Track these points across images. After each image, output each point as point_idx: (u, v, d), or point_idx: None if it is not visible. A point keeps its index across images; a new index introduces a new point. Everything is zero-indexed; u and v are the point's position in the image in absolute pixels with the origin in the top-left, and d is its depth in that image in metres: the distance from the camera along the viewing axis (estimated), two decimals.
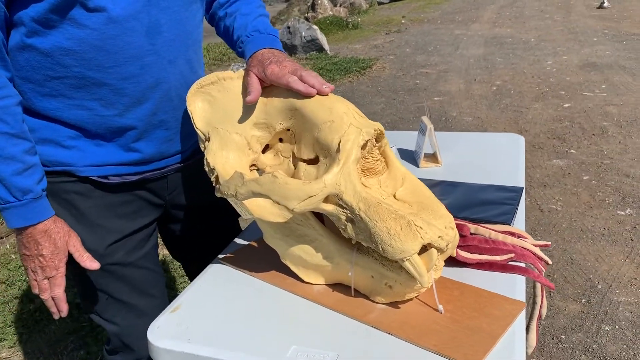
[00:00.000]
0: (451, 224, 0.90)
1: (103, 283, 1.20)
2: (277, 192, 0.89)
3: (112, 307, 1.23)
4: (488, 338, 0.84)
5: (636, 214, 2.95)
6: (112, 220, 1.17)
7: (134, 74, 1.05)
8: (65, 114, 1.06)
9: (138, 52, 1.04)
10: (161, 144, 1.16)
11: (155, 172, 1.18)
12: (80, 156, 1.10)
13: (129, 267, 1.22)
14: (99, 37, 0.99)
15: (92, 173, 1.12)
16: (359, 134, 0.90)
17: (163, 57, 1.08)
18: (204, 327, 0.93)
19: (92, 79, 1.03)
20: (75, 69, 1.02)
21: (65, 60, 1.01)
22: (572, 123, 4.30)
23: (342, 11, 10.70)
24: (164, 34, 1.06)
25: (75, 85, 1.04)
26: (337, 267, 0.96)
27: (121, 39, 1.01)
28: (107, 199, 1.16)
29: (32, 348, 2.25)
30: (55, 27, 0.97)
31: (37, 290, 1.09)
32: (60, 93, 1.04)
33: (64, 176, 1.11)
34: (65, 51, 1.00)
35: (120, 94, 1.06)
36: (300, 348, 0.86)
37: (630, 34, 7.15)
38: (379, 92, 5.57)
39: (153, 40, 1.05)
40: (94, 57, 1.01)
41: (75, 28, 0.98)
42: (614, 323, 2.17)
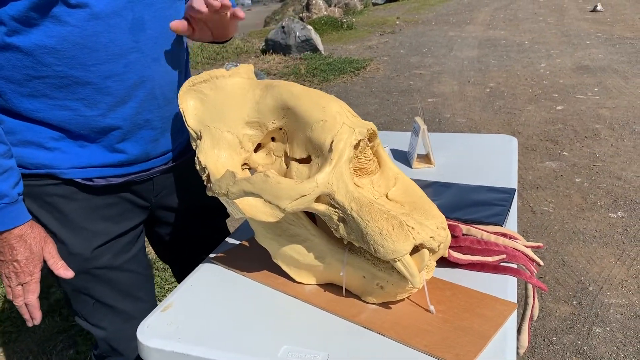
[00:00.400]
0: (443, 224, 0.90)
1: (89, 287, 1.18)
2: (268, 191, 0.89)
3: (99, 312, 1.21)
4: (479, 338, 0.84)
5: (627, 216, 2.97)
6: (98, 223, 1.14)
7: (118, 72, 1.03)
8: (47, 114, 1.03)
9: (121, 49, 1.01)
10: (146, 145, 1.13)
11: (140, 174, 1.16)
12: (63, 158, 1.07)
13: (116, 270, 1.19)
14: (81, 34, 0.97)
15: (76, 175, 1.09)
16: (351, 134, 0.90)
17: (147, 54, 1.05)
18: (195, 326, 0.92)
19: (75, 78, 1.00)
20: (57, 67, 0.99)
21: (47, 58, 0.98)
22: (565, 125, 4.32)
23: (337, 11, 10.71)
24: (148, 31, 1.04)
25: (57, 84, 1.01)
26: (329, 267, 0.96)
27: (104, 36, 0.99)
28: (92, 201, 1.13)
29: (21, 347, 2.23)
30: (36, 25, 0.95)
31: (11, 296, 1.07)
32: (42, 93, 1.02)
33: (46, 179, 1.08)
34: (46, 49, 0.97)
35: (104, 93, 1.03)
36: (291, 348, 0.85)
37: (622, 38, 7.20)
38: (372, 92, 5.58)
39: (137, 37, 1.03)
40: (76, 55, 0.98)
41: (56, 25, 0.95)
42: (605, 325, 2.17)
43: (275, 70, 6.51)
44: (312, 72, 6.26)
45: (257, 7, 19.59)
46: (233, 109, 1.04)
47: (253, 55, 7.48)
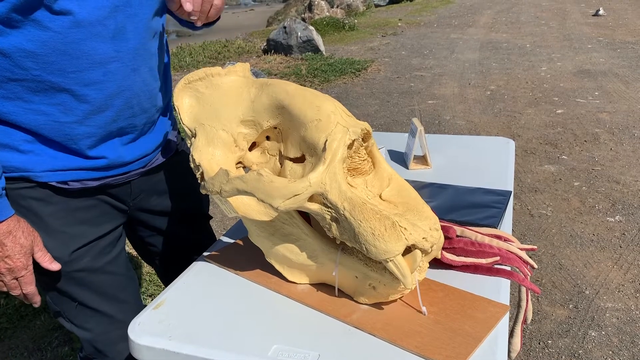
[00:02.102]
0: (436, 225, 0.90)
1: (71, 290, 1.16)
2: (262, 190, 0.89)
3: (82, 314, 1.19)
4: (471, 340, 0.84)
5: (625, 220, 2.97)
6: (75, 226, 1.13)
7: (97, 80, 1.02)
8: (20, 118, 1.02)
9: (102, 58, 1.01)
10: (120, 150, 1.12)
11: (117, 177, 1.15)
12: (37, 161, 1.06)
13: (96, 273, 1.17)
14: (62, 41, 0.96)
15: (51, 178, 1.07)
16: (345, 134, 0.89)
17: (127, 64, 1.05)
18: (186, 324, 0.92)
19: (52, 83, 0.99)
20: (34, 71, 0.97)
21: (25, 62, 0.96)
22: (565, 129, 4.32)
23: (339, 12, 10.71)
24: (129, 41, 1.04)
25: (33, 88, 0.99)
26: (322, 267, 0.96)
27: (85, 44, 0.98)
28: (68, 204, 1.11)
29: (16, 343, 2.23)
30: (17, 28, 0.93)
31: (6, 289, 1.06)
32: (17, 96, 1.00)
33: (21, 182, 1.07)
34: (26, 53, 0.95)
35: (81, 101, 1.03)
36: (282, 347, 0.85)
37: (624, 42, 7.20)
38: (373, 94, 5.58)
39: (118, 47, 1.02)
40: (55, 60, 0.97)
41: (38, 30, 0.94)
42: (601, 329, 2.17)
43: (276, 70, 6.51)
44: (313, 72, 6.26)
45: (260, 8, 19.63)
46: (228, 107, 1.04)
47: (255, 55, 7.48)
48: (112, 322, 1.21)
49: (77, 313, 1.19)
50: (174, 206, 1.30)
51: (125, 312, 1.19)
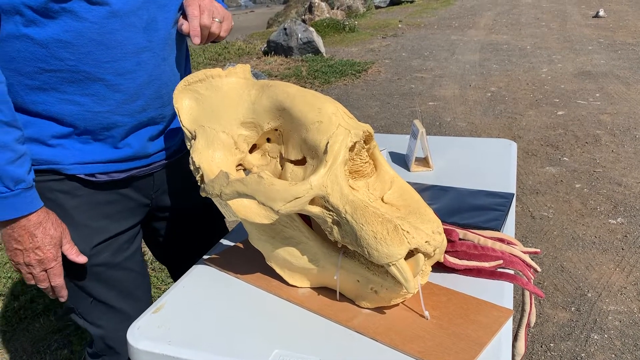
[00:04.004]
0: (439, 228, 0.89)
1: (87, 285, 1.17)
2: (262, 192, 0.87)
3: (96, 310, 1.20)
4: (474, 345, 0.83)
5: (627, 222, 2.95)
6: (98, 220, 1.15)
7: (130, 69, 1.04)
8: (54, 108, 1.03)
9: (135, 47, 1.03)
10: (148, 141, 1.15)
11: (141, 169, 1.17)
12: (66, 154, 1.08)
13: (114, 268, 1.19)
14: (98, 31, 0.98)
15: (79, 171, 1.09)
16: (347, 136, 0.88)
17: (157, 54, 1.08)
18: (186, 329, 0.91)
19: (87, 74, 1.01)
20: (70, 62, 0.99)
21: (61, 53, 0.98)
22: (566, 131, 4.31)
23: (339, 14, 10.71)
24: (160, 32, 1.07)
25: (68, 79, 1.01)
26: (323, 271, 0.95)
27: (120, 34, 1.01)
28: (93, 198, 1.13)
29: (16, 346, 2.22)
30: (54, 18, 0.95)
31: (34, 281, 1.06)
32: (52, 87, 1.02)
33: (49, 174, 1.09)
34: (62, 43, 0.97)
35: (114, 90, 1.05)
36: (283, 352, 0.84)
37: (625, 44, 7.19)
38: (373, 95, 5.57)
39: (150, 37, 1.05)
40: (91, 50, 0.99)
41: (74, 20, 0.96)
42: (603, 332, 2.16)
43: (276, 71, 6.50)
44: (314, 74, 6.25)
45: (260, 9, 19.64)
46: (228, 109, 1.03)
47: (255, 56, 7.47)
48: (125, 320, 1.22)
49: (92, 309, 1.20)
50: (191, 202, 1.30)
51: (138, 310, 1.20)
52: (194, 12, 1.08)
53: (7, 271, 2.66)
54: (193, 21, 1.08)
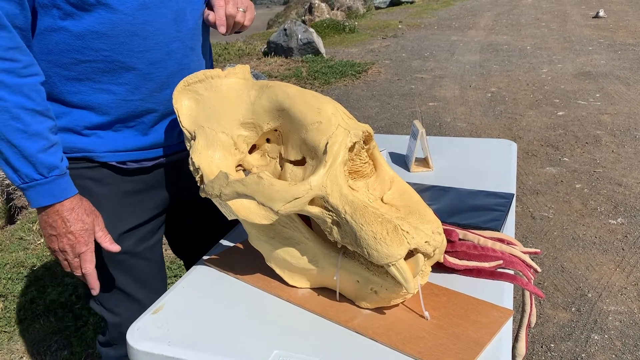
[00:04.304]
0: (439, 229, 0.89)
1: (110, 273, 1.21)
2: (262, 193, 0.87)
3: (115, 297, 1.24)
4: (474, 345, 0.83)
5: (628, 223, 2.95)
6: (125, 208, 1.18)
7: (161, 59, 1.09)
8: (89, 97, 1.08)
9: (165, 38, 1.08)
10: (175, 128, 1.19)
11: (169, 156, 1.20)
12: (99, 142, 1.12)
13: (136, 257, 1.22)
14: (131, 22, 1.03)
15: (111, 159, 1.13)
16: (346, 136, 0.88)
17: (186, 44, 1.12)
18: (185, 329, 0.91)
19: (120, 63, 1.06)
20: (104, 52, 1.04)
21: (96, 43, 1.03)
22: (566, 131, 4.31)
23: (339, 15, 10.71)
24: (188, 22, 1.11)
25: (102, 69, 1.06)
26: (323, 271, 0.95)
27: (151, 25, 1.05)
28: (122, 186, 1.17)
29: (16, 347, 2.21)
30: (89, 11, 0.99)
31: (69, 269, 1.08)
32: (87, 77, 1.06)
33: (82, 162, 1.13)
34: (97, 35, 1.02)
35: (146, 79, 1.09)
36: (283, 353, 0.84)
37: (625, 44, 7.19)
38: (373, 96, 5.57)
39: (179, 27, 1.10)
40: (124, 41, 1.04)
41: (109, 12, 1.00)
42: (604, 332, 2.16)
43: (276, 72, 6.50)
44: (314, 74, 6.25)
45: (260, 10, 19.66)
46: (228, 109, 1.03)
47: (255, 57, 7.47)
48: (141, 309, 1.23)
49: (110, 296, 1.23)
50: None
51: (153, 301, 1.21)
52: (220, 2, 1.11)
53: (7, 272, 2.66)
54: (219, 11, 1.11)
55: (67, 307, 2.41)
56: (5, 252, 2.87)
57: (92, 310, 2.36)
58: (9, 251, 2.87)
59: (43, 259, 2.78)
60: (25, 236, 3.02)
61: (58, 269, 2.69)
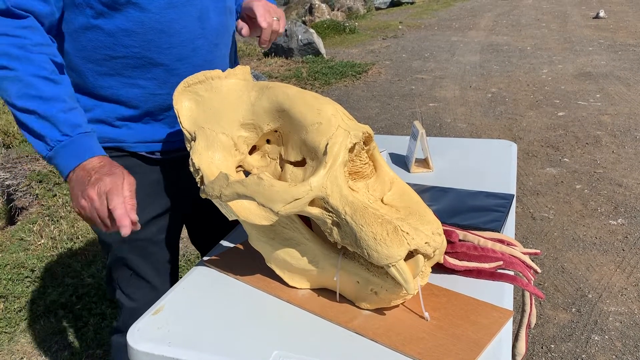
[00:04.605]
0: (439, 229, 0.89)
1: (130, 258, 1.25)
2: (262, 194, 0.87)
3: (134, 283, 1.28)
4: (474, 346, 0.83)
5: (628, 223, 2.95)
6: (150, 197, 1.22)
7: (187, 55, 1.14)
8: (120, 91, 1.13)
9: (191, 35, 1.13)
10: None
11: None
12: (129, 134, 1.17)
13: (157, 246, 1.26)
14: (159, 20, 1.08)
15: (141, 149, 1.18)
16: (346, 137, 0.88)
17: (210, 41, 1.18)
18: (185, 330, 0.91)
19: (149, 59, 1.11)
20: (134, 49, 1.09)
21: (127, 41, 1.08)
22: (566, 132, 4.31)
23: (340, 15, 10.71)
24: (211, 20, 1.17)
25: (132, 64, 1.11)
26: (323, 272, 0.95)
27: (178, 23, 1.10)
28: (149, 176, 1.22)
29: (16, 348, 2.22)
30: (119, 10, 1.05)
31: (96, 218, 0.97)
32: (118, 72, 1.11)
33: (113, 151, 1.17)
34: (127, 32, 1.07)
35: (173, 74, 1.14)
36: (283, 353, 0.84)
37: (625, 44, 7.19)
38: (374, 96, 5.57)
39: (203, 25, 1.15)
40: (152, 38, 1.09)
41: (138, 11, 1.06)
42: (604, 333, 2.16)
43: (277, 73, 6.50)
44: (314, 75, 6.25)
45: None
46: (228, 110, 1.03)
47: (255, 58, 7.47)
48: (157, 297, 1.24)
49: (130, 282, 1.28)
50: None
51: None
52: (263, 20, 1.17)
53: (8, 273, 2.66)
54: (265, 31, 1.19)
55: (68, 307, 2.41)
56: (5, 253, 2.87)
57: (93, 311, 2.36)
58: (10, 252, 2.87)
59: (43, 259, 2.78)
60: (25, 237, 3.02)
61: (58, 269, 2.69)
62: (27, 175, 3.69)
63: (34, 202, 3.45)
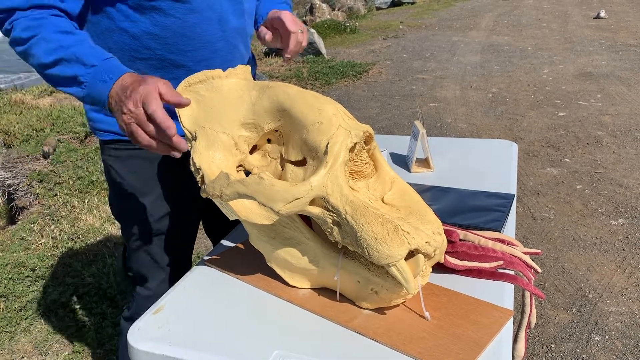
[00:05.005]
0: (439, 229, 0.89)
1: (150, 247, 1.30)
2: (262, 193, 0.87)
3: (152, 272, 1.33)
4: (474, 346, 0.83)
5: (629, 223, 2.95)
6: (170, 189, 1.27)
7: (207, 57, 1.20)
8: None
9: (211, 38, 1.19)
10: None
11: None
12: None
13: (175, 237, 1.32)
14: (181, 25, 1.14)
15: None
16: (347, 136, 0.88)
17: (230, 43, 1.23)
18: (186, 329, 0.91)
19: (172, 61, 1.18)
20: (158, 51, 1.16)
21: (151, 43, 1.15)
22: (567, 132, 4.31)
23: (340, 15, 10.71)
24: (230, 23, 1.22)
25: (156, 65, 1.18)
26: (323, 271, 0.95)
27: (199, 27, 1.16)
28: (170, 169, 1.26)
29: (17, 347, 2.22)
30: (144, 15, 1.11)
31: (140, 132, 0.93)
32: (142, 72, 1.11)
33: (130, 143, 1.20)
34: (151, 36, 1.14)
35: None
36: (283, 352, 0.84)
37: (626, 45, 7.18)
38: (374, 96, 5.57)
39: (223, 28, 1.20)
40: (175, 42, 1.15)
41: (161, 16, 1.12)
42: (604, 333, 2.16)
43: (277, 73, 6.50)
44: (315, 75, 6.25)
45: None
46: (229, 110, 1.03)
47: (256, 57, 7.48)
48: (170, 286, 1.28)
49: (148, 269, 1.33)
50: None
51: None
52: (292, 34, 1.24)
53: (9, 272, 2.66)
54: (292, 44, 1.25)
55: (68, 307, 2.42)
56: (6, 253, 2.87)
57: (93, 311, 2.36)
58: (10, 251, 2.88)
59: (44, 259, 2.78)
60: (26, 236, 3.03)
61: (59, 269, 2.70)
62: (28, 175, 3.69)
63: (35, 202, 3.45)
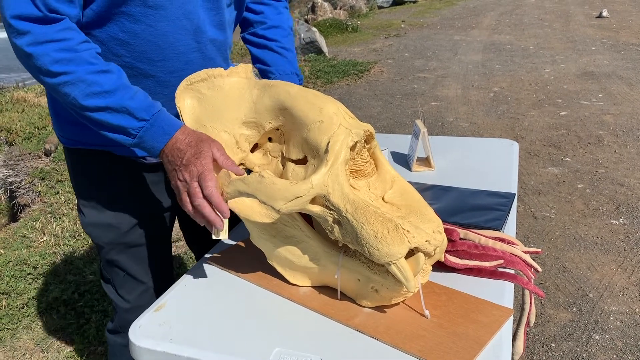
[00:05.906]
0: (439, 228, 0.89)
1: (121, 260, 1.25)
2: (263, 192, 0.88)
3: (128, 284, 1.29)
4: (474, 344, 0.83)
5: (630, 223, 2.95)
6: (137, 201, 1.22)
7: (179, 68, 1.13)
8: None
9: (185, 48, 1.11)
10: None
11: None
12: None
13: (146, 247, 1.27)
14: (152, 32, 1.06)
15: (132, 154, 1.17)
16: (348, 135, 0.89)
17: (205, 55, 1.16)
18: (187, 327, 0.92)
19: (140, 70, 1.10)
20: (126, 59, 1.08)
21: (118, 50, 1.07)
22: (568, 131, 4.30)
23: (342, 14, 10.70)
24: (207, 34, 1.14)
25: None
26: (324, 270, 0.95)
27: (172, 36, 1.09)
28: (137, 180, 1.21)
29: (19, 344, 2.22)
30: (112, 20, 1.04)
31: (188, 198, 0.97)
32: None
33: (105, 155, 1.17)
34: (119, 42, 1.06)
35: (164, 86, 1.13)
36: (284, 350, 0.85)
37: (628, 44, 7.17)
38: (376, 95, 5.57)
39: (198, 39, 1.13)
40: (145, 50, 1.08)
41: (131, 23, 1.05)
42: (605, 332, 2.16)
43: None
44: (316, 74, 6.25)
45: None
46: (230, 108, 1.03)
47: None
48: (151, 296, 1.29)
49: (123, 282, 1.29)
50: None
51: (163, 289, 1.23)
52: None
53: (10, 270, 2.67)
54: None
55: (70, 304, 2.42)
56: (8, 250, 2.88)
57: (95, 308, 2.37)
58: (12, 249, 2.88)
59: (46, 256, 2.79)
60: (28, 234, 3.03)
61: (61, 266, 2.70)
62: (30, 173, 3.70)
63: (37, 200, 3.46)
